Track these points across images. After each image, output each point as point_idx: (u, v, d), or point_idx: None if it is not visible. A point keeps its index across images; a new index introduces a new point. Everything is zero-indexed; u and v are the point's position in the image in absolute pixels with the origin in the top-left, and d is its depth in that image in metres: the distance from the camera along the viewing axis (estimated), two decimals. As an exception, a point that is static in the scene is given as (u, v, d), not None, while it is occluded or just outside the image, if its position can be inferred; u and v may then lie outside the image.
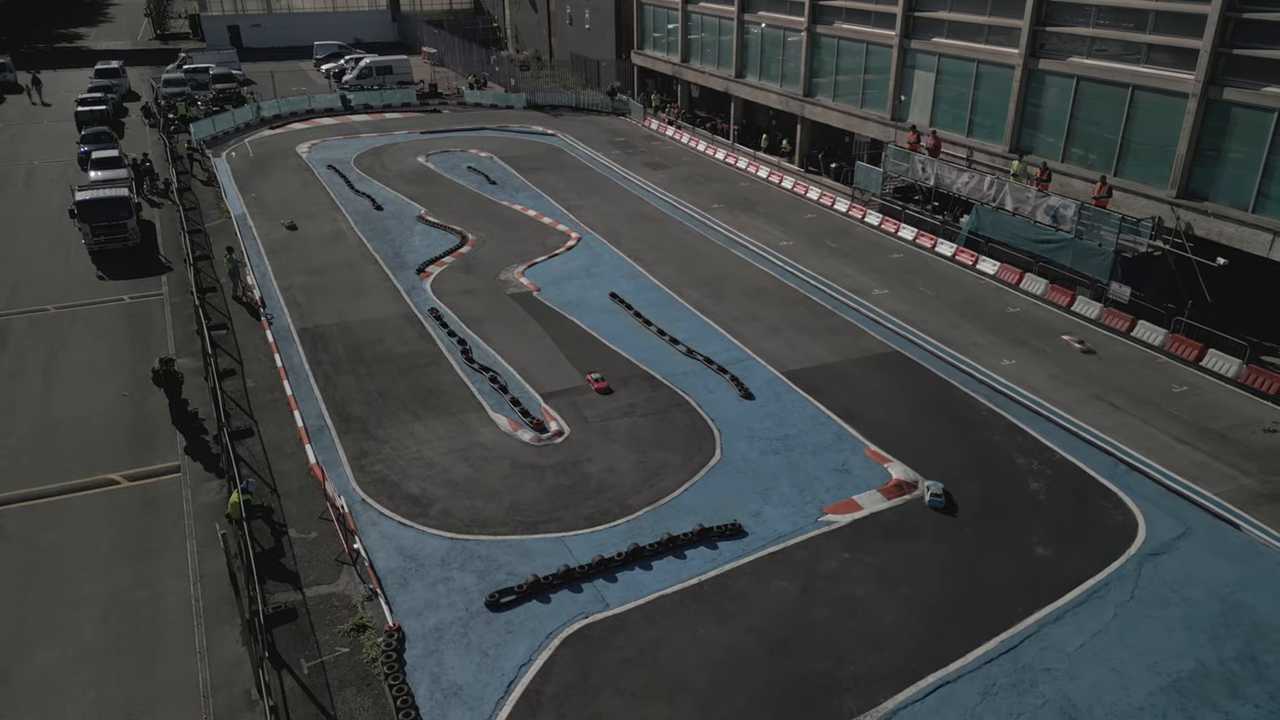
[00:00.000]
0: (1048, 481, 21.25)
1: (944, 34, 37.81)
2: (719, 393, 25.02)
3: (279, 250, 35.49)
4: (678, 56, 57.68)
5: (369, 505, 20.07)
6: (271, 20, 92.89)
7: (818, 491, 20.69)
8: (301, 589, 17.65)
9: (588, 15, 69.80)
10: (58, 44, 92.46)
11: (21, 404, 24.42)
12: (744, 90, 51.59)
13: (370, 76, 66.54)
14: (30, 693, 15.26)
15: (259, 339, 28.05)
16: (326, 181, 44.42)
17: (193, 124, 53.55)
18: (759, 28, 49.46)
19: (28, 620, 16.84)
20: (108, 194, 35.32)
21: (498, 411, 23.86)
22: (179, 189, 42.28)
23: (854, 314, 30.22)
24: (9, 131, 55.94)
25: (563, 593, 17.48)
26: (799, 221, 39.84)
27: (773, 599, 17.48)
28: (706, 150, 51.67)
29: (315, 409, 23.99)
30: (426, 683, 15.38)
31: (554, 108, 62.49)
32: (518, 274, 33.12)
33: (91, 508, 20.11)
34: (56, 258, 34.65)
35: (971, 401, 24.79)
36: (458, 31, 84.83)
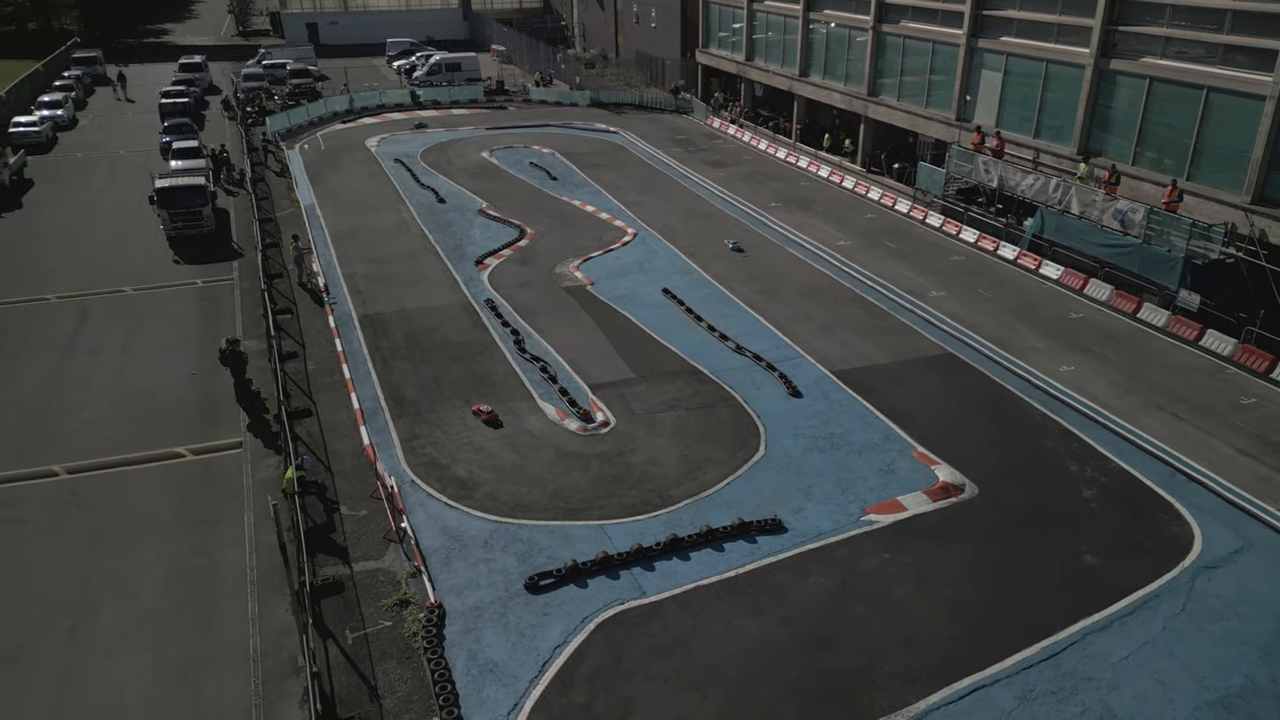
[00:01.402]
0: (1100, 489, 20.78)
1: (1012, 33, 37.08)
2: (766, 389, 25.01)
3: (344, 239, 36.51)
4: (742, 55, 57.57)
5: (418, 486, 20.61)
6: (348, 18, 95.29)
7: (861, 491, 20.57)
8: (350, 563, 18.23)
9: (654, 14, 70.09)
10: (145, 39, 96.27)
11: (98, 379, 25.61)
12: (807, 89, 51.28)
13: (439, 73, 67.86)
14: (93, 650, 16.07)
15: (321, 324, 28.94)
16: (393, 174, 45.48)
17: (269, 117, 55.31)
18: (825, 27, 49.12)
19: (94, 582, 17.72)
20: (185, 182, 36.78)
21: (546, 401, 24.25)
22: (253, 179, 43.73)
23: (909, 315, 29.87)
24: (97, 123, 58.50)
25: (600, 579, 17.73)
26: (858, 221, 39.49)
27: (809, 595, 17.46)
28: (767, 149, 51.51)
29: (371, 392, 24.69)
30: (464, 659, 15.77)
31: (617, 105, 62.90)
32: (573, 268, 33.52)
33: (158, 478, 21.05)
34: (136, 242, 36.18)
35: (1025, 406, 24.33)
36: (526, 30, 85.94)
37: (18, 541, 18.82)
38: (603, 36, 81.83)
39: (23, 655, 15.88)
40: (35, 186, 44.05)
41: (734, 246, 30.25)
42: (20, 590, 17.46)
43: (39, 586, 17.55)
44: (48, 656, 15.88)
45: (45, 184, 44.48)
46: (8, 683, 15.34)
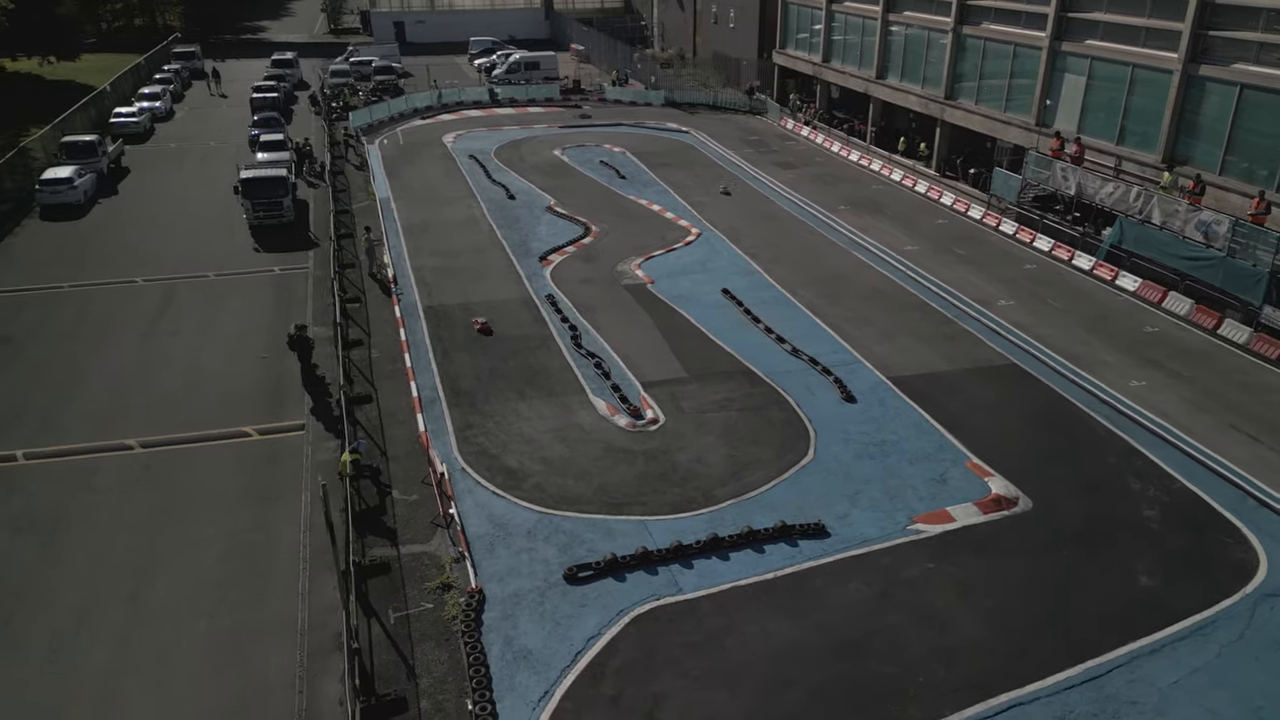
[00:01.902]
0: (1163, 509, 20.04)
1: (1098, 36, 35.89)
2: (820, 393, 24.79)
3: (416, 233, 37.44)
4: (819, 56, 57.00)
5: (468, 474, 21.07)
6: (434, 17, 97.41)
7: (910, 499, 20.26)
8: (397, 546, 18.77)
9: (732, 14, 69.87)
10: (243, 36, 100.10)
11: (177, 359, 26.84)
12: (883, 91, 50.50)
13: (518, 71, 68.94)
14: (151, 616, 16.90)
15: (388, 314, 29.76)
16: (466, 170, 46.40)
17: (352, 112, 57.01)
18: (904, 28, 48.29)
19: (158, 551, 18.62)
20: (268, 173, 38.21)
21: (598, 396, 24.49)
22: (333, 172, 45.20)
23: (974, 323, 29.23)
24: (193, 115, 61.12)
25: (639, 573, 17.86)
26: (928, 226, 38.76)
27: (848, 600, 17.29)
28: (840, 151, 50.91)
29: (431, 381, 25.30)
30: (499, 644, 16.10)
31: (691, 106, 62.96)
32: (634, 266, 33.74)
33: (224, 456, 21.98)
34: (221, 230, 37.72)
35: (1090, 421, 23.59)
36: (606, 29, 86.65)
37: (91, 510, 19.88)
38: (681, 36, 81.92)
39: (86, 618, 16.79)
40: (131, 174, 46.29)
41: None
42: (89, 556, 18.46)
43: (107, 553, 18.52)
44: (109, 619, 16.77)
45: (141, 172, 46.71)
46: (71, 642, 16.25)
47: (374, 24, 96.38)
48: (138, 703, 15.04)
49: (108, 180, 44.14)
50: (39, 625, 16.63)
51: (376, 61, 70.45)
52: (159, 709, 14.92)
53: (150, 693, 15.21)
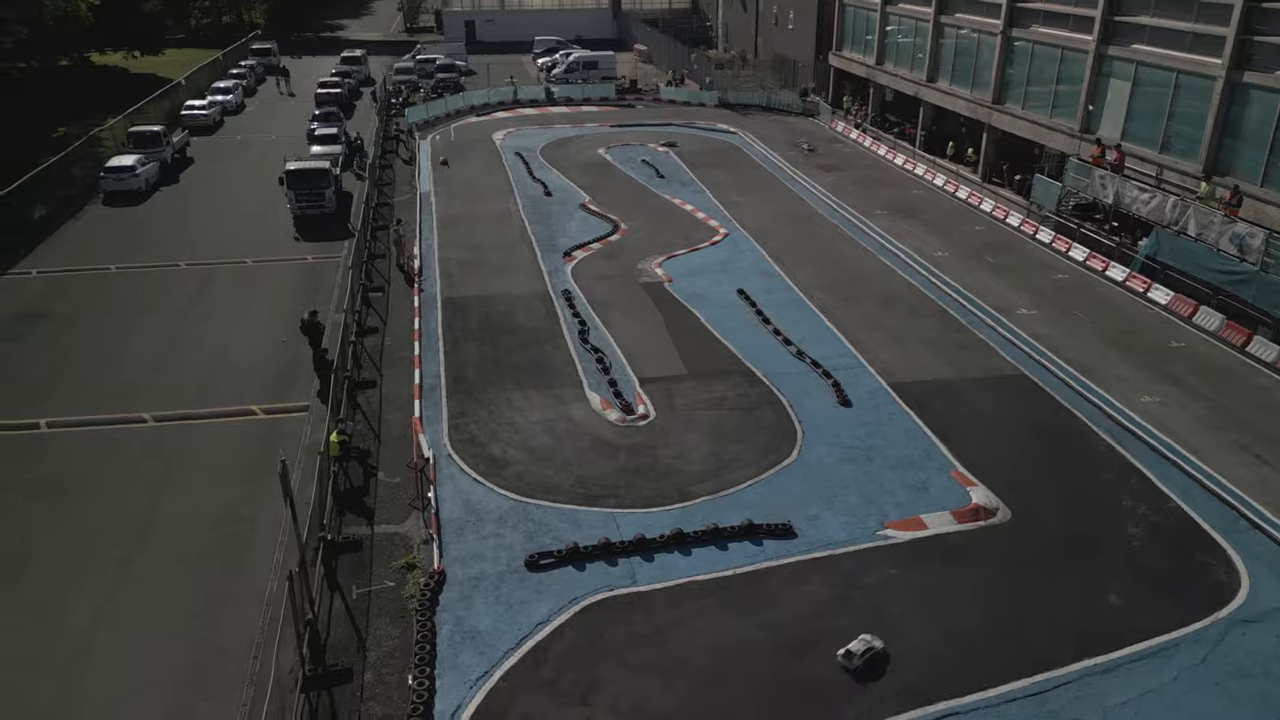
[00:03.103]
0: (1149, 528, 19.44)
1: (1144, 40, 34.72)
2: (816, 396, 24.69)
3: (449, 226, 38.40)
4: (873, 58, 56.28)
5: (453, 460, 21.66)
6: (503, 16, 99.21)
7: (885, 505, 20.08)
8: (373, 525, 19.46)
9: (791, 15, 69.48)
10: (322, 33, 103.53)
11: (204, 339, 28.16)
12: (933, 95, 49.63)
13: (576, 71, 69.76)
14: (135, 579, 17.91)
15: (407, 303, 30.64)
16: (510, 167, 47.28)
17: (408, 109, 58.58)
18: (955, 31, 47.40)
19: (153, 519, 19.67)
20: (311, 165, 39.68)
21: (594, 390, 24.85)
22: (380, 166, 46.61)
23: (990, 332, 28.66)
24: (263, 109, 63.62)
25: (599, 564, 18.15)
26: (962, 233, 38.03)
27: (802, 601, 17.29)
28: (886, 155, 50.24)
29: (435, 369, 26.02)
30: (450, 624, 16.60)
31: (744, 107, 62.86)
32: (655, 264, 33.99)
33: (229, 433, 23.05)
34: (266, 219, 39.27)
35: (1091, 436, 22.97)
36: (670, 30, 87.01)
37: (99, 478, 21.09)
38: (744, 37, 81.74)
39: (77, 577, 17.89)
40: (194, 164, 48.52)
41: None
42: (90, 520, 19.60)
43: (106, 518, 19.64)
44: (97, 580, 17.82)
45: (203, 162, 48.92)
46: (61, 597, 17.34)
47: (445, 22, 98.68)
48: (108, 658, 15.98)
49: (170, 169, 46.34)
50: (36, 582, 17.79)
51: (440, 60, 72.13)
52: (125, 665, 15.84)
53: (120, 650, 16.15)
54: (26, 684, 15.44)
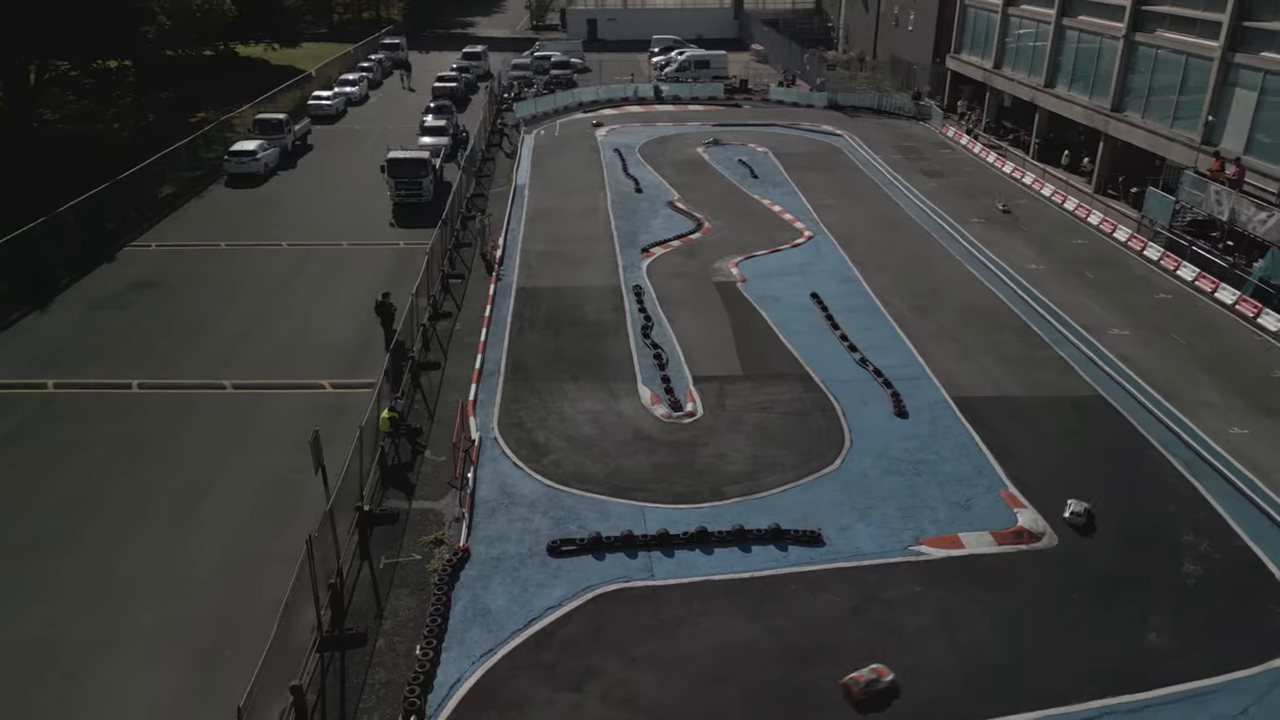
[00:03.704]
0: (1210, 567, 18.13)
1: (1274, 48, 32.19)
2: (873, 406, 24.07)
3: (537, 219, 39.23)
4: (990, 61, 54.15)
5: (498, 443, 22.21)
6: (626, 15, 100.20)
7: (923, 521, 19.43)
8: (411, 500, 20.19)
9: (912, 16, 67.60)
10: (453, 30, 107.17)
11: (291, 315, 29.72)
12: (1050, 101, 47.34)
13: (688, 69, 69.88)
14: (187, 532, 19.16)
15: (484, 291, 31.50)
16: (607, 163, 47.82)
17: (517, 104, 60.07)
18: (1076, 34, 45.09)
19: (215, 479, 20.98)
20: (411, 155, 41.25)
21: (647, 385, 24.97)
22: (483, 159, 48.02)
23: (1071, 350, 27.24)
24: (385, 101, 66.42)
25: (619, 555, 18.30)
26: (1063, 246, 36.20)
27: (816, 610, 16.96)
28: (994, 162, 48.27)
29: (498, 355, 26.70)
30: (465, 600, 17.08)
31: (854, 109, 61.57)
32: (732, 264, 33.78)
33: (298, 403, 24.29)
34: (368, 205, 41.02)
35: (1163, 466, 21.57)
36: (790, 30, 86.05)
37: (174, 437, 22.63)
38: (864, 39, 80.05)
39: (139, 526, 19.30)
40: (313, 151, 51.18)
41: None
42: (159, 475, 21.07)
43: (173, 475, 21.08)
44: (154, 530, 19.18)
45: (322, 149, 51.55)
46: (119, 542, 18.75)
47: (568, 21, 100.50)
48: (151, 602, 17.19)
49: (290, 155, 49.04)
50: (100, 528, 19.28)
51: (555, 57, 73.59)
52: (166, 608, 17.01)
53: (163, 595, 17.36)
54: (74, 617, 16.80)
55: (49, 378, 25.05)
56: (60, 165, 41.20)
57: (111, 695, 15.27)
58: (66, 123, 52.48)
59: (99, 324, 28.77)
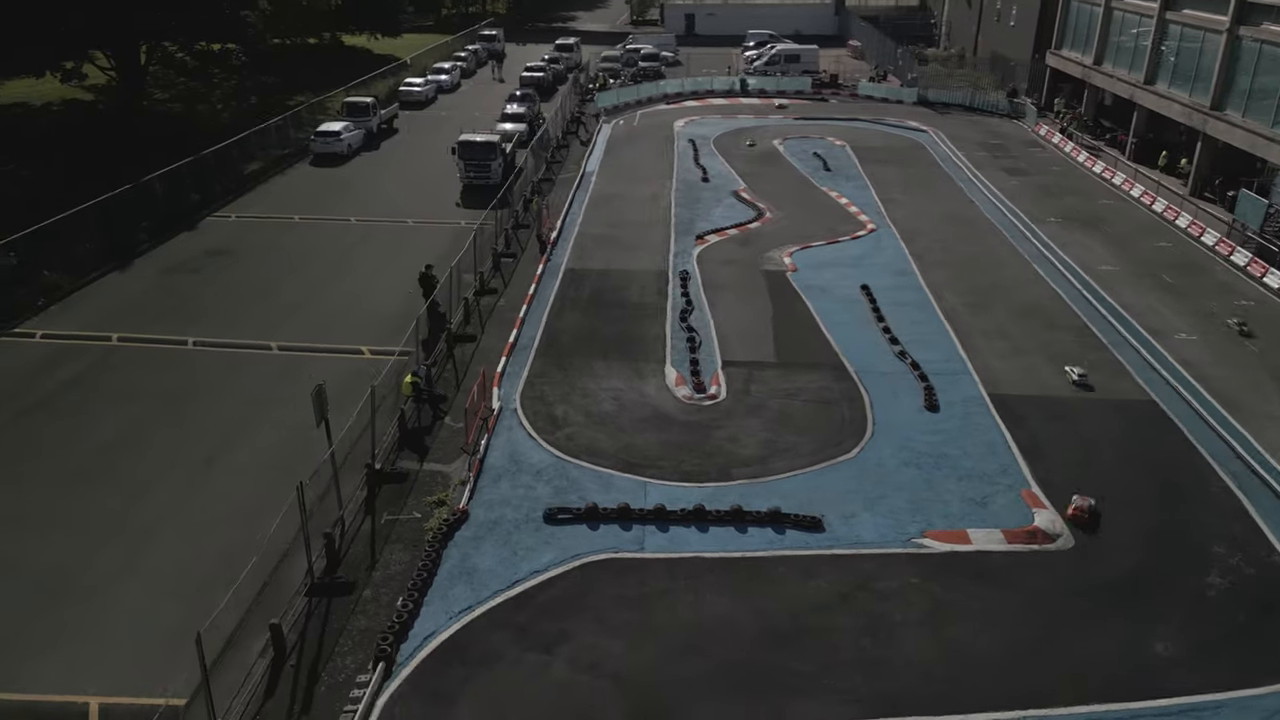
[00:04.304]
0: (1237, 580, 16.95)
1: (1388, 38, 29.72)
2: (903, 398, 23.37)
3: (599, 204, 39.53)
4: (1091, 57, 51.67)
5: (517, 414, 22.52)
6: (725, 10, 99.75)
7: (933, 514, 18.78)
8: (423, 462, 20.68)
9: (1014, 11, 65.07)
10: (554, 24, 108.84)
11: (347, 286, 30.75)
12: (1149, 99, 44.86)
13: (778, 63, 69.16)
14: (211, 476, 20.13)
15: (533, 271, 31.92)
16: (680, 153, 47.73)
17: (600, 94, 60.57)
18: (1179, 28, 42.60)
19: (245, 431, 21.93)
20: (481, 138, 42.16)
21: (675, 366, 24.86)
22: (558, 145, 48.68)
23: (1130, 353, 25.83)
24: (475, 89, 68.03)
25: (613, 526, 18.33)
26: (1143, 248, 34.30)
27: (802, 595, 16.61)
28: (1085, 162, 46.05)
29: (534, 332, 27.04)
30: (455, 559, 17.41)
31: (945, 105, 59.81)
32: (785, 254, 33.27)
33: (336, 366, 25.06)
34: (439, 185, 42.05)
35: (1209, 475, 20.25)
36: (890, 27, 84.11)
37: (217, 391, 23.74)
38: (966, 35, 77.54)
39: (169, 470, 20.37)
40: (398, 134, 52.84)
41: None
42: (196, 425, 22.14)
43: (210, 425, 22.15)
44: (183, 473, 20.23)
45: (407, 134, 53.16)
46: (150, 485, 19.82)
47: (666, 15, 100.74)
48: (167, 538, 18.15)
49: (375, 137, 50.77)
50: (134, 471, 20.42)
51: (645, 49, 73.89)
52: (179, 545, 17.92)
53: (179, 533, 18.30)
54: (97, 549, 17.86)
55: (115, 331, 26.67)
56: (162, 140, 43.66)
57: (116, 622, 16.17)
58: (174, 102, 55.68)
59: (171, 286, 30.47)
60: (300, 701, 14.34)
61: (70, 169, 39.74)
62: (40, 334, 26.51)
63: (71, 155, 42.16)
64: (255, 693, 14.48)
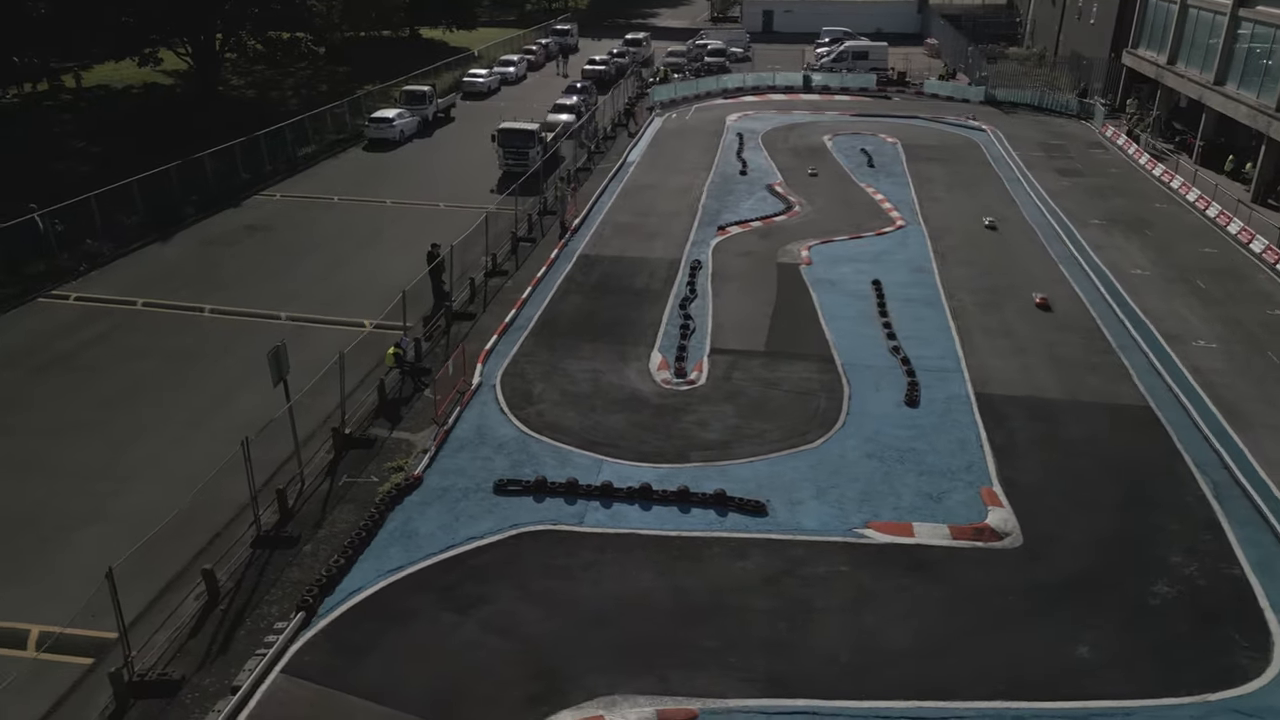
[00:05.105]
0: (1186, 590, 16.23)
1: None
2: (884, 393, 23.00)
3: (631, 193, 39.84)
4: (1165, 56, 49.35)
5: (494, 390, 23.04)
6: (801, 6, 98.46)
7: (881, 507, 18.49)
8: (393, 430, 21.38)
9: (1095, 9, 62.58)
10: (633, 20, 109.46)
11: (365, 263, 31.74)
12: (1217, 100, 42.63)
13: (844, 60, 68.14)
14: (202, 431, 21.16)
15: (548, 255, 32.41)
16: (725, 147, 47.59)
17: (656, 88, 60.83)
18: (1252, 25, 40.37)
19: (236, 394, 22.93)
20: (521, 126, 43.00)
21: (662, 352, 24.99)
22: (606, 137, 49.18)
23: (1138, 358, 24.80)
24: (539, 82, 68.97)
25: (558, 500, 18.62)
26: (1184, 254, 32.74)
27: (729, 576, 16.62)
28: (1146, 165, 44.06)
29: (533, 313, 27.53)
30: (398, 521, 17.99)
31: (1012, 105, 58.05)
32: (804, 247, 32.94)
33: (335, 337, 25.85)
34: (478, 171, 42.93)
35: (1188, 484, 19.39)
36: (974, 25, 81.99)
37: (221, 356, 24.93)
38: (1049, 34, 74.90)
39: (158, 427, 21.56)
40: (454, 123, 54.14)
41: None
42: (193, 386, 23.34)
43: (205, 386, 23.34)
44: (169, 430, 21.39)
45: (462, 122, 54.43)
46: (137, 437, 21.04)
47: (745, 13, 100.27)
48: (143, 487, 19.20)
49: (430, 125, 52.21)
50: (128, 424, 21.69)
51: (711, 45, 73.76)
52: (151, 494, 18.88)
53: (153, 481, 19.33)
54: (73, 494, 19.07)
55: (142, 297, 28.30)
56: (231, 124, 45.80)
57: (72, 561, 17.14)
58: (249, 88, 58.36)
59: (205, 257, 32.12)
60: (219, 642, 15.10)
61: (142, 148, 42.15)
62: (74, 296, 28.36)
63: (144, 136, 44.69)
64: (181, 631, 15.30)
